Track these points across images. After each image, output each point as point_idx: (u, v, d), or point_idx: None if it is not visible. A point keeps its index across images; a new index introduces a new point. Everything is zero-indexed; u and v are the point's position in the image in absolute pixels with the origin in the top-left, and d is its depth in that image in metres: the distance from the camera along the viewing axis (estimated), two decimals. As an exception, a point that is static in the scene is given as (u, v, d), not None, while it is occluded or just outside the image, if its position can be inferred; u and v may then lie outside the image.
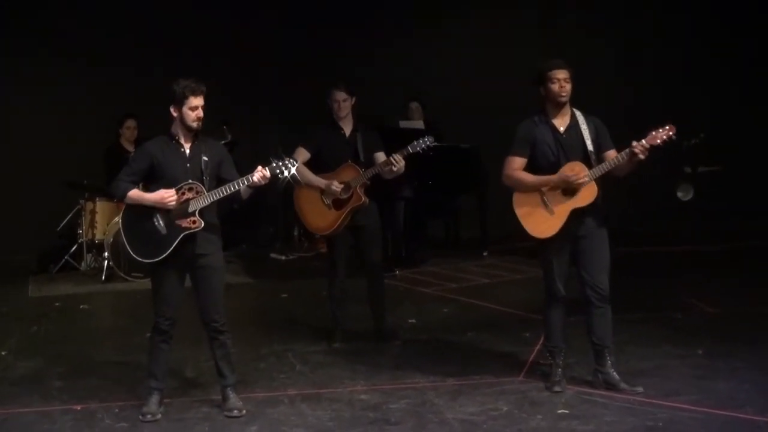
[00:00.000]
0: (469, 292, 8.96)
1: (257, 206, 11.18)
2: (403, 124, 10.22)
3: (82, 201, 9.87)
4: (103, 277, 9.58)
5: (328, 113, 6.88)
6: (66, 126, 11.48)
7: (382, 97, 9.55)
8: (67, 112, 11.53)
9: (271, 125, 12.11)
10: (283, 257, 11.13)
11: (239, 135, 10.94)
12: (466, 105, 11.68)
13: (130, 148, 9.87)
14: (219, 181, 5.48)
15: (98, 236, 9.73)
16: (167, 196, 5.33)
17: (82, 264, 10.15)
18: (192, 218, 5.33)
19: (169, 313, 5.53)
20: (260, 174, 5.28)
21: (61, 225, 10.27)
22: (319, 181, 6.76)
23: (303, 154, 6.80)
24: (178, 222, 5.36)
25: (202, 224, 5.35)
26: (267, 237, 11.82)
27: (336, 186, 6.70)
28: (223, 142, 8.98)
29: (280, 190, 9.09)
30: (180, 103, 5.42)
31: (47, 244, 10.33)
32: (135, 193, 5.47)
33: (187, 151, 5.46)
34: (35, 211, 10.73)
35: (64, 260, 10.04)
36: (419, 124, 10.17)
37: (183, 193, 5.38)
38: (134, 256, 5.48)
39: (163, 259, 5.38)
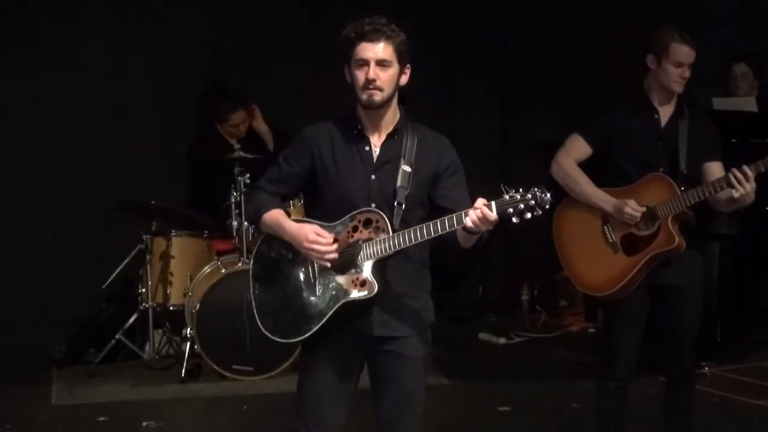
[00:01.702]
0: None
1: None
2: (720, 103, 8.03)
3: (146, 237, 8.03)
4: (183, 373, 7.61)
5: (638, 83, 5.42)
6: (113, 107, 9.30)
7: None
8: (113, 86, 9.30)
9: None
10: (502, 340, 9.05)
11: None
12: None
13: (234, 139, 8.37)
14: (432, 213, 4.40)
15: (174, 300, 7.95)
16: (313, 239, 4.26)
17: (146, 349, 8.23)
18: (359, 275, 4.28)
19: (320, 430, 4.55)
20: (476, 216, 4.06)
21: (109, 280, 8.22)
22: (603, 198, 5.39)
23: (579, 147, 5.44)
24: (338, 279, 4.34)
25: (375, 289, 4.28)
26: (472, 303, 10.03)
27: (633, 210, 5.30)
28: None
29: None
30: (347, 56, 4.28)
31: (84, 315, 8.37)
32: (276, 216, 4.42)
33: (376, 151, 4.35)
34: (64, 257, 9.12)
35: (113, 342, 8.07)
36: (751, 104, 7.89)
37: (354, 229, 4.33)
38: (263, 329, 4.47)
39: (308, 338, 4.38)
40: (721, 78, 8.37)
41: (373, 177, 4.35)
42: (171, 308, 7.82)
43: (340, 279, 4.31)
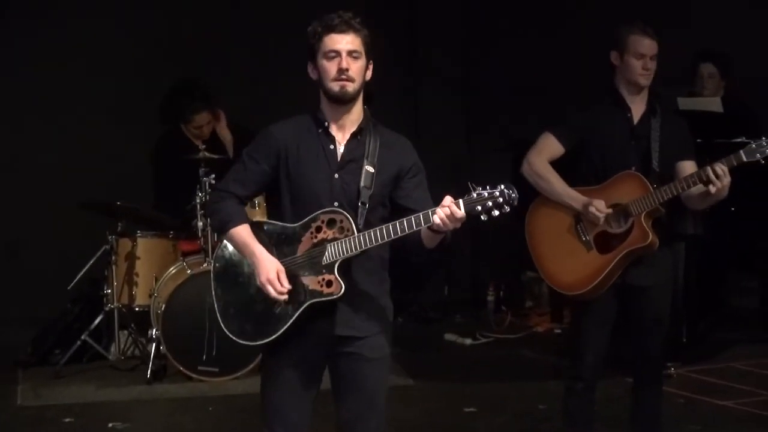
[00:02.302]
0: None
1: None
2: (685, 102, 8.12)
3: (111, 238, 7.99)
4: (148, 374, 7.66)
5: (610, 82, 5.49)
6: (77, 106, 9.29)
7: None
8: (77, 85, 9.23)
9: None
10: (468, 341, 9.01)
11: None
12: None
13: (198, 140, 8.37)
14: (393, 213, 4.40)
15: (140, 301, 8.01)
16: (272, 279, 4.27)
17: (112, 350, 8.20)
18: (325, 275, 4.28)
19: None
20: (443, 213, 4.06)
21: (75, 281, 8.20)
22: (574, 196, 5.43)
23: (551, 146, 5.48)
24: (303, 280, 4.33)
25: (342, 289, 4.27)
26: (437, 303, 9.98)
27: (601, 209, 5.35)
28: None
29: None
30: (313, 50, 4.30)
31: (49, 316, 8.40)
32: (243, 236, 4.37)
33: (340, 150, 4.35)
34: (29, 257, 9.19)
35: (78, 343, 8.05)
36: (716, 104, 8.12)
37: (318, 230, 4.33)
38: (227, 332, 4.46)
39: (273, 340, 4.36)
40: (686, 78, 8.44)
41: (336, 176, 4.35)
42: (136, 309, 7.83)
43: (305, 280, 4.32)
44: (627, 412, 5.76)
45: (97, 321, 7.95)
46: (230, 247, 4.49)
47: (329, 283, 4.29)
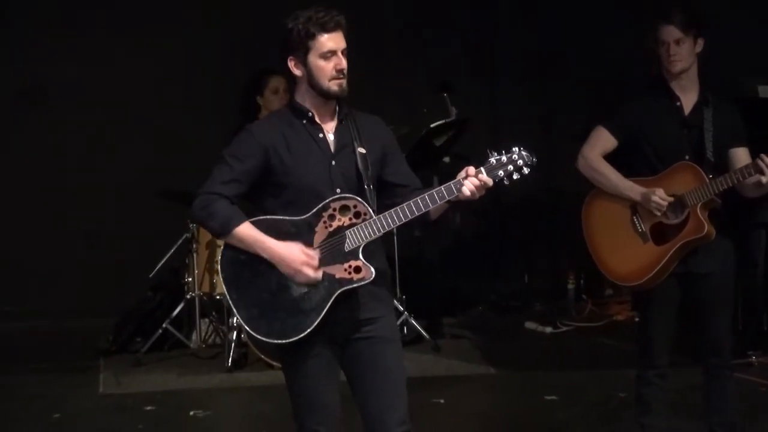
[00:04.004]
0: None
1: (493, 231, 10.08)
2: (765, 90, 8.13)
3: (192, 226, 8.00)
4: (229, 362, 7.74)
5: (652, 78, 5.49)
6: (157, 97, 9.40)
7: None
8: (157, 77, 9.38)
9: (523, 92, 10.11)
10: (549, 329, 9.13)
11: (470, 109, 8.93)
12: None
13: None
14: (383, 191, 4.41)
15: (220, 289, 7.83)
16: (305, 261, 4.18)
17: (193, 338, 8.35)
18: (351, 262, 4.22)
19: (323, 427, 4.44)
20: (472, 184, 4.12)
21: (156, 269, 8.39)
22: (631, 188, 5.42)
23: (604, 140, 5.47)
24: (329, 270, 4.24)
25: (373, 273, 4.23)
26: (517, 292, 10.05)
27: (663, 197, 5.33)
28: (443, 121, 8.24)
29: None
30: (302, 48, 4.26)
31: (130, 304, 8.55)
32: (251, 232, 4.25)
33: (330, 137, 4.33)
34: (111, 246, 9.30)
35: (159, 331, 8.17)
36: None
37: (331, 218, 4.26)
38: (251, 331, 4.30)
39: (310, 333, 4.27)
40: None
41: (333, 163, 4.33)
42: (217, 297, 7.88)
43: (331, 269, 4.27)
44: (703, 401, 5.76)
45: (178, 309, 8.04)
46: (232, 251, 4.41)
47: (357, 269, 4.25)
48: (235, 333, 7.63)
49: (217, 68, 9.30)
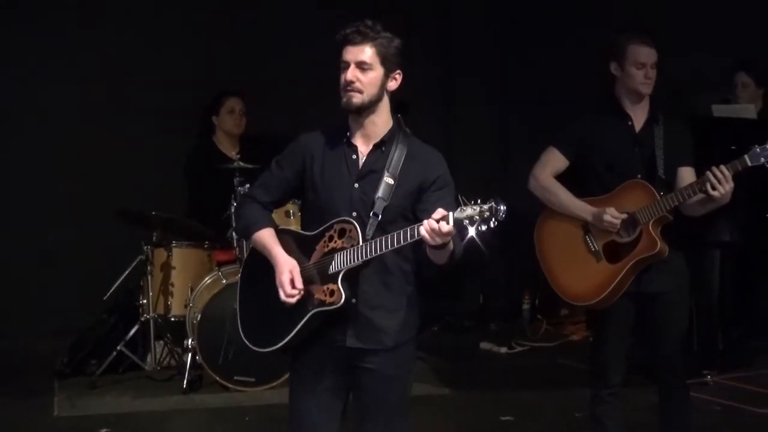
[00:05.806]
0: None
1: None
2: (719, 109, 8.06)
3: (147, 248, 8.01)
4: (185, 384, 7.63)
5: (610, 91, 5.44)
6: (114, 117, 9.31)
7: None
8: (115, 96, 9.28)
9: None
10: (504, 349, 9.06)
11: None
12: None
13: (232, 151, 8.14)
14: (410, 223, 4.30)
15: (175, 311, 7.97)
16: (286, 280, 4.25)
17: (148, 360, 8.20)
18: (329, 285, 4.19)
19: None
20: (428, 227, 3.97)
21: (110, 291, 8.21)
22: (583, 207, 5.39)
23: (555, 160, 5.47)
24: (312, 289, 4.25)
25: (343, 299, 4.17)
26: (473, 312, 9.93)
27: (613, 217, 5.30)
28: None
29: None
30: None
31: (85, 326, 8.34)
32: (266, 239, 4.37)
33: (362, 160, 4.29)
34: (65, 267, 9.12)
35: (114, 354, 8.04)
36: (750, 111, 7.98)
37: (330, 239, 4.26)
38: (244, 339, 4.48)
39: (281, 348, 4.34)
40: (723, 85, 8.38)
41: (356, 185, 4.30)
42: (172, 319, 7.85)
43: (313, 289, 4.28)
44: (658, 420, 5.72)
45: (132, 331, 7.97)
46: (253, 256, 4.50)
47: (332, 293, 4.24)
48: (190, 355, 7.54)
49: (178, 89, 9.26)
